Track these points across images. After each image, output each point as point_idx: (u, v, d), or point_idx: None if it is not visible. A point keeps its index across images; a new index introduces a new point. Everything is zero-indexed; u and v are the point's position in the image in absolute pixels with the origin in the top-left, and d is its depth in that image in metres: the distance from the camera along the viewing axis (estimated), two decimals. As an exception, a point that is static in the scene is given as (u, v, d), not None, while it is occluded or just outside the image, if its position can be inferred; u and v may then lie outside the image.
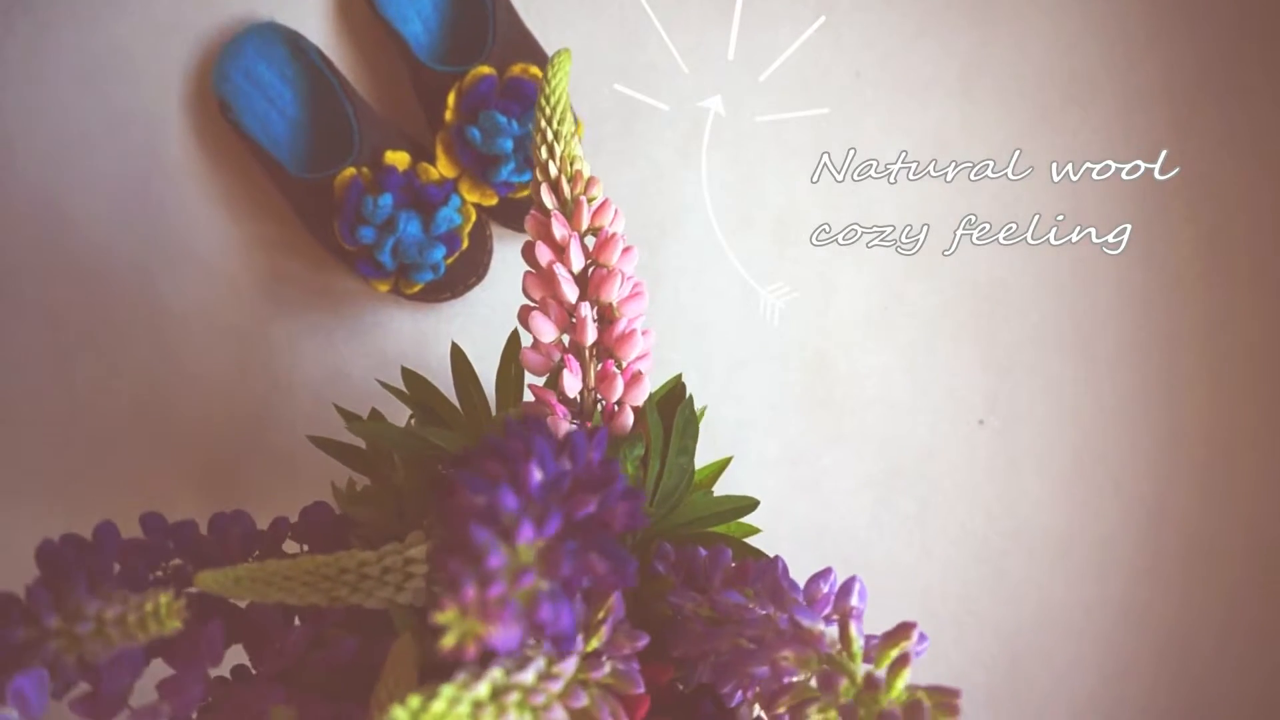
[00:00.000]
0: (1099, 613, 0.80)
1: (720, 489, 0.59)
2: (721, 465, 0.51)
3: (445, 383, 0.78)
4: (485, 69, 0.70)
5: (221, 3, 0.78)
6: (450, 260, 0.71)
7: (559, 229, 0.43)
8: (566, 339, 0.45)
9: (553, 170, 0.45)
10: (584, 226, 0.44)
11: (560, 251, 0.43)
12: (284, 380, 0.79)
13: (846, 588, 0.35)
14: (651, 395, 0.46)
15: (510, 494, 0.27)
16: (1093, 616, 0.80)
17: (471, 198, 0.72)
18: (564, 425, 0.44)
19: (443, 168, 0.71)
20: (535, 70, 0.71)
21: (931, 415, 0.80)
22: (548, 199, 0.45)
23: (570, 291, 0.43)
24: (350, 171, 0.70)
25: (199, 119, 0.78)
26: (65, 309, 0.79)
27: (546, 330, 0.43)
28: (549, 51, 0.76)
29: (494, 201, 0.72)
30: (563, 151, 0.45)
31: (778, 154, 0.79)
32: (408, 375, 0.51)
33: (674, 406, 0.48)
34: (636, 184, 0.79)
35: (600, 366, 0.44)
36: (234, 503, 0.79)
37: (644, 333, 0.44)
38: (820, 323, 0.80)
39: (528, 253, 0.45)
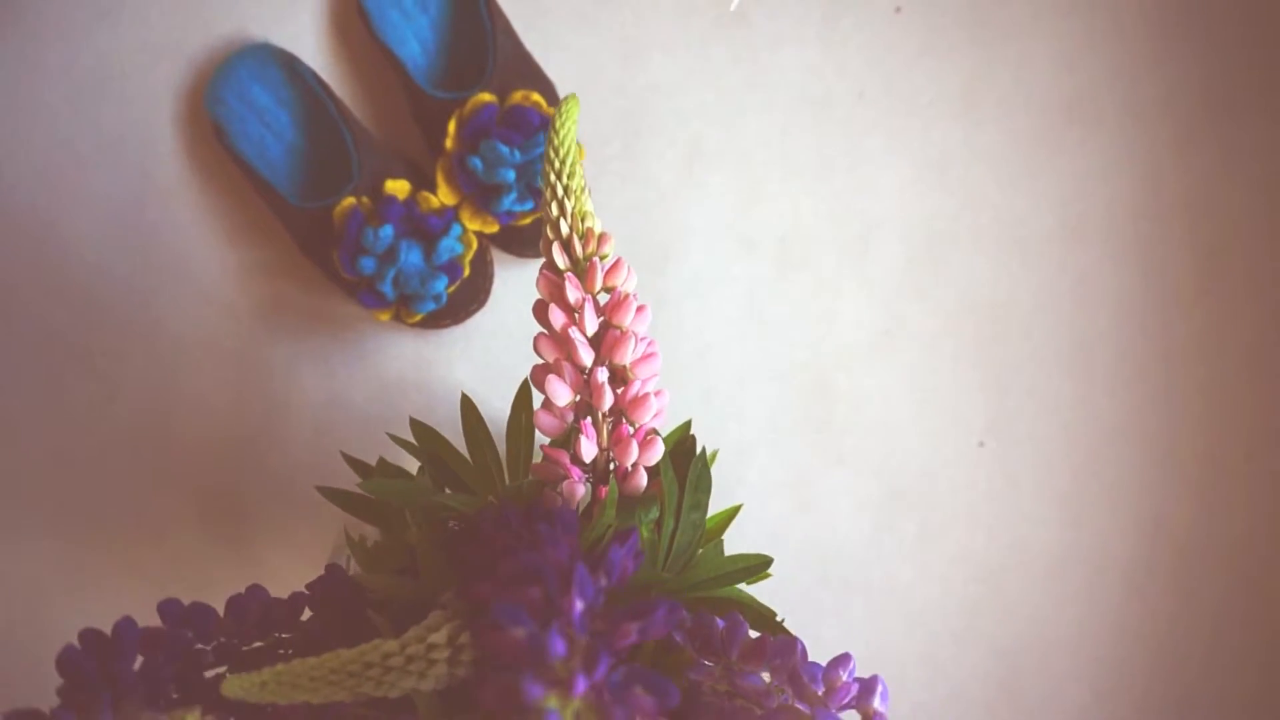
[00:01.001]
0: (1095, 630, 0.81)
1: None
2: (730, 514, 0.51)
3: (448, 408, 0.78)
4: (486, 96, 0.69)
5: (214, 23, 0.76)
6: (452, 289, 0.71)
7: (573, 292, 0.43)
8: (576, 392, 0.44)
9: (564, 228, 0.44)
10: (597, 288, 0.44)
11: (574, 314, 0.43)
12: (282, 404, 0.79)
13: (869, 686, 0.35)
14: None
15: (559, 639, 0.27)
16: (1088, 634, 0.81)
17: (473, 225, 0.71)
18: (579, 489, 0.43)
19: (443, 195, 0.70)
20: (536, 97, 0.70)
21: (931, 437, 0.80)
22: (559, 258, 0.44)
23: (585, 356, 0.43)
24: (350, 201, 0.69)
25: (192, 140, 0.77)
26: (59, 332, 0.78)
27: (561, 394, 0.43)
28: (550, 74, 0.75)
29: (495, 229, 0.71)
30: (574, 208, 0.44)
31: (780, 175, 0.79)
32: (416, 426, 0.51)
33: (685, 459, 0.48)
34: (639, 205, 0.78)
35: (614, 429, 0.44)
36: (233, 526, 0.80)
37: (657, 394, 0.44)
38: (822, 345, 0.80)
39: (540, 313, 0.45)
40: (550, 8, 0.77)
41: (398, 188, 0.70)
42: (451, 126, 0.69)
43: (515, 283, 0.78)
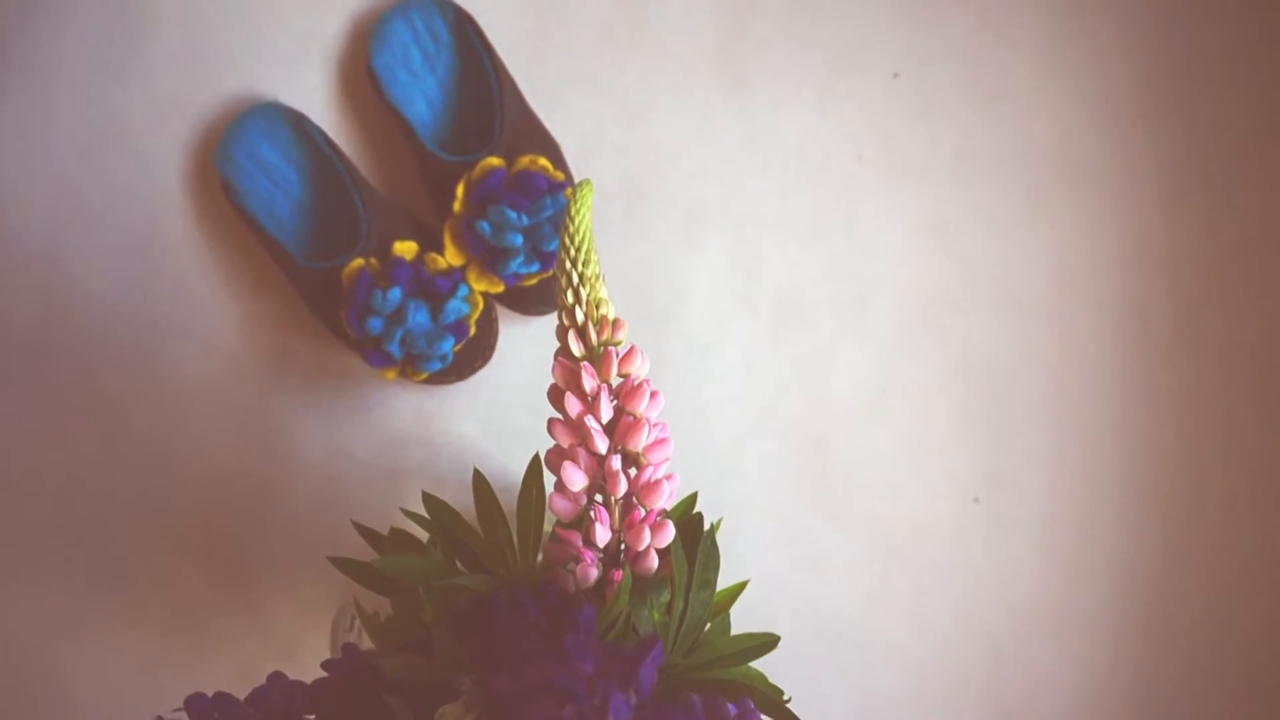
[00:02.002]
0: (1091, 686, 0.82)
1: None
2: (737, 590, 0.52)
3: (452, 463, 0.79)
4: (494, 161, 0.70)
5: (223, 80, 0.77)
6: (458, 348, 0.71)
7: (589, 380, 0.44)
8: (590, 478, 0.45)
9: (579, 316, 0.45)
10: (613, 376, 0.45)
11: (590, 403, 0.44)
12: (285, 457, 0.79)
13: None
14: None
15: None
16: (1084, 690, 0.82)
17: (479, 286, 0.72)
18: (593, 572, 0.44)
19: (450, 256, 0.71)
20: (543, 162, 0.71)
21: (927, 494, 0.82)
22: (575, 346, 0.45)
23: (601, 443, 0.44)
24: (358, 263, 0.70)
25: (200, 196, 0.77)
26: (63, 384, 0.78)
27: (577, 480, 0.44)
28: (555, 134, 0.76)
29: (501, 289, 0.72)
30: (589, 295, 0.45)
31: (778, 236, 0.80)
32: (428, 500, 0.51)
33: (692, 535, 0.49)
34: (641, 264, 0.79)
35: (626, 513, 0.45)
36: (235, 577, 0.80)
37: (669, 478, 0.45)
38: (819, 403, 0.81)
39: (555, 398, 0.46)
40: (554, 68, 0.79)
41: (405, 249, 0.71)
42: (460, 190, 0.70)
43: (519, 339, 0.79)
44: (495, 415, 0.79)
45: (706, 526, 0.50)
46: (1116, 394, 0.81)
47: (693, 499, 0.54)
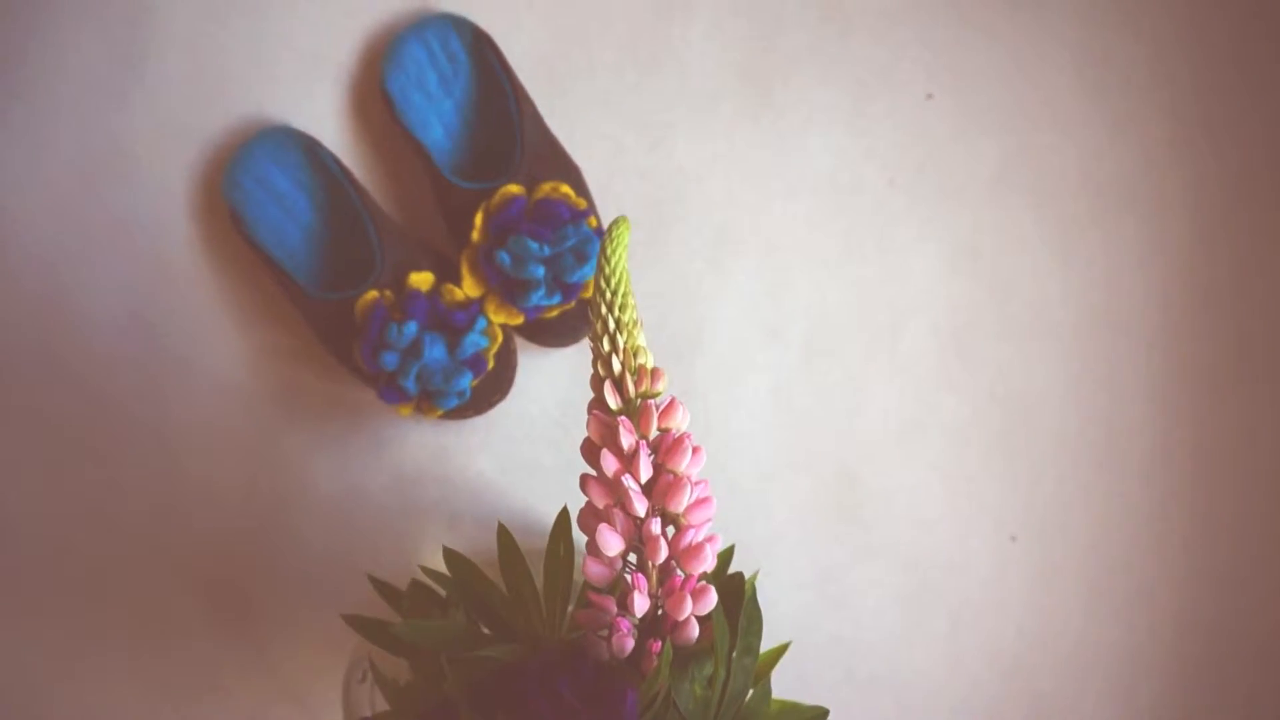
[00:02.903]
0: (1130, 730, 0.79)
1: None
2: (778, 653, 0.48)
3: (468, 500, 0.76)
4: (514, 189, 0.67)
5: (231, 104, 0.74)
6: (475, 383, 0.68)
7: (626, 437, 0.41)
8: (627, 541, 0.42)
9: (615, 366, 0.42)
10: (652, 432, 0.42)
11: (628, 460, 0.41)
12: (295, 496, 0.76)
13: None
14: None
15: None
16: (1124, 734, 0.79)
17: (498, 318, 0.69)
18: (629, 642, 0.41)
19: (468, 288, 0.69)
20: (565, 189, 0.68)
21: (961, 530, 0.79)
22: (611, 399, 0.42)
23: (639, 505, 0.41)
24: (373, 295, 0.67)
25: (207, 224, 0.75)
26: (63, 419, 0.76)
27: (613, 544, 0.41)
28: (575, 158, 0.73)
29: (520, 321, 0.69)
30: (626, 343, 0.42)
31: (807, 263, 0.77)
32: (450, 556, 0.48)
33: (732, 596, 0.46)
34: (664, 293, 0.76)
35: (665, 579, 0.42)
36: (243, 621, 0.77)
37: (710, 540, 0.42)
38: (850, 435, 0.78)
39: (589, 454, 0.43)
40: (574, 90, 0.76)
41: (421, 280, 0.68)
42: (478, 219, 0.67)
43: (538, 372, 0.76)
44: (513, 451, 0.76)
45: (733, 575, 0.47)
46: (1159, 428, 0.78)
47: (729, 554, 0.51)
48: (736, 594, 0.46)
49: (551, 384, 0.76)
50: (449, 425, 0.76)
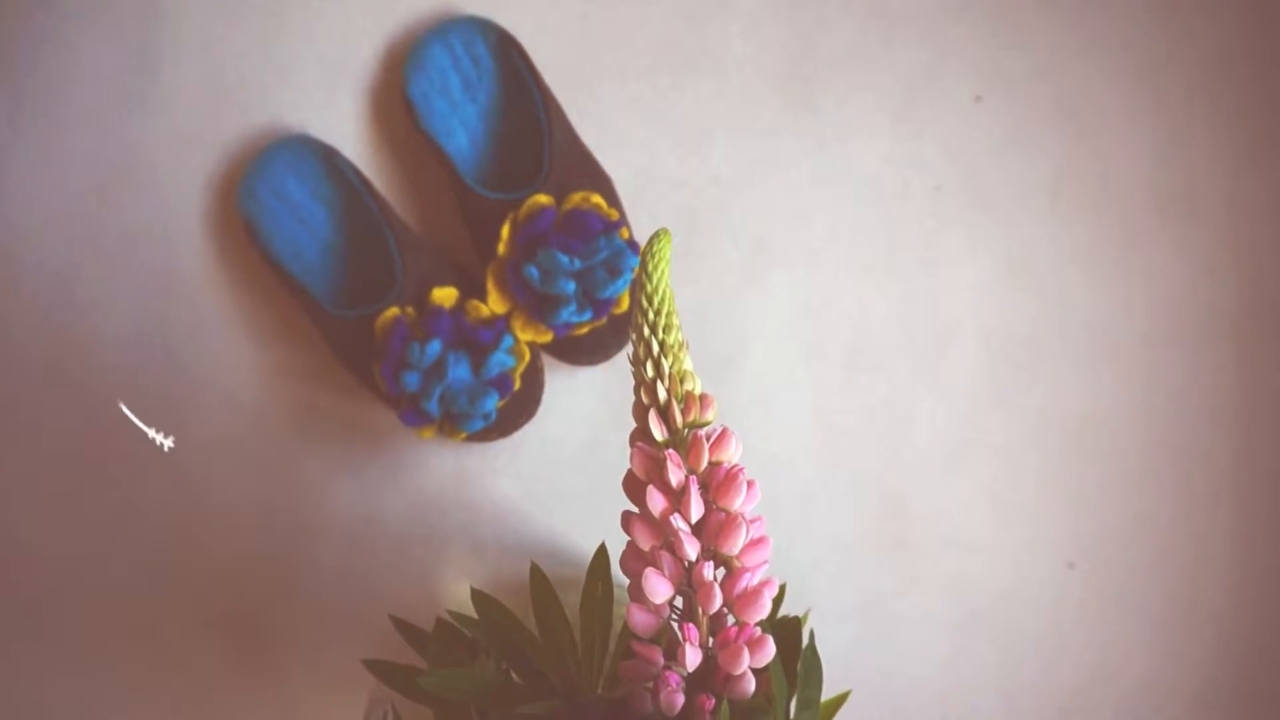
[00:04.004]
0: (1196, 771, 0.74)
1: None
2: (838, 703, 0.44)
3: (492, 527, 0.72)
4: (543, 199, 0.64)
5: (248, 112, 0.71)
6: (501, 404, 0.65)
7: (675, 472, 0.37)
8: (676, 587, 0.38)
9: (661, 393, 0.38)
10: (703, 466, 0.38)
11: (677, 498, 0.37)
12: (312, 520, 0.73)
13: None
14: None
15: None
16: (1190, 775, 0.74)
17: (525, 336, 0.65)
18: (679, 699, 0.37)
19: (494, 303, 0.65)
20: (597, 199, 0.64)
21: (1015, 556, 0.74)
22: (656, 430, 0.38)
23: (691, 548, 0.37)
24: (394, 312, 0.64)
25: (221, 236, 0.72)
26: (74, 441, 0.73)
27: (661, 591, 0.37)
28: (608, 169, 0.69)
29: (549, 339, 0.66)
30: (672, 368, 0.39)
31: (850, 275, 0.73)
32: (478, 598, 0.45)
33: (790, 645, 0.42)
34: (699, 307, 0.72)
35: (718, 629, 0.38)
36: (258, 653, 0.74)
37: (767, 585, 0.38)
38: (895, 457, 0.74)
39: (633, 490, 0.39)
40: (604, 95, 0.72)
41: (445, 296, 0.64)
42: (505, 231, 0.64)
43: (565, 391, 0.72)
44: (539, 474, 0.73)
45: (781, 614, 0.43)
46: (1228, 450, 0.73)
47: (781, 594, 0.47)
48: (792, 640, 0.42)
49: (579, 404, 0.73)
50: (472, 448, 0.72)
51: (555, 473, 0.73)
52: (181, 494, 0.73)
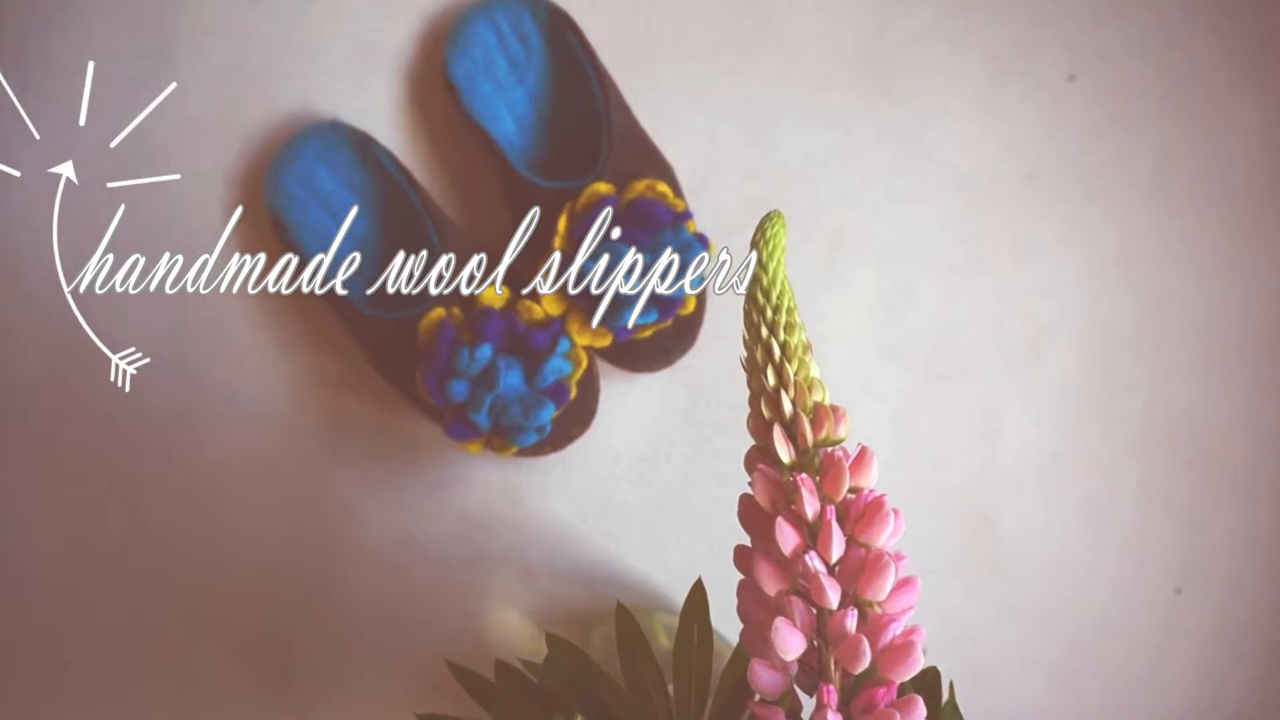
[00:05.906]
0: (1321, 819, 0.67)
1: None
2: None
3: (541, 550, 0.66)
4: (603, 186, 0.58)
5: (274, 96, 0.66)
6: (556, 415, 0.58)
7: (810, 502, 0.31)
8: (810, 640, 0.32)
9: (786, 406, 0.32)
10: (841, 494, 0.31)
11: (814, 535, 0.31)
12: (345, 543, 0.67)
13: None
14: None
15: None
16: (1314, 824, 0.67)
17: (582, 340, 0.59)
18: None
19: (548, 304, 0.59)
20: (662, 187, 0.58)
21: (1116, 580, 0.68)
22: (782, 450, 0.32)
23: (833, 593, 0.30)
24: (438, 313, 0.57)
25: (245, 231, 0.66)
26: (85, 456, 0.67)
27: (794, 646, 0.30)
28: (670, 159, 0.63)
29: (609, 342, 0.59)
30: (796, 374, 0.32)
31: (934, 271, 0.67)
32: (553, 643, 0.38)
33: (930, 703, 0.35)
34: (767, 308, 0.66)
35: (860, 691, 0.31)
36: (284, 687, 0.68)
37: (916, 634, 0.32)
38: (982, 471, 0.68)
39: (752, 522, 0.32)
40: (663, 77, 0.66)
41: (494, 296, 0.58)
42: (562, 224, 0.58)
43: (621, 400, 0.66)
44: (593, 492, 0.66)
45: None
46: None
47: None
48: (931, 699, 0.35)
49: (637, 414, 0.66)
50: (520, 462, 0.66)
51: (610, 489, 0.66)
52: (199, 512, 0.67)
